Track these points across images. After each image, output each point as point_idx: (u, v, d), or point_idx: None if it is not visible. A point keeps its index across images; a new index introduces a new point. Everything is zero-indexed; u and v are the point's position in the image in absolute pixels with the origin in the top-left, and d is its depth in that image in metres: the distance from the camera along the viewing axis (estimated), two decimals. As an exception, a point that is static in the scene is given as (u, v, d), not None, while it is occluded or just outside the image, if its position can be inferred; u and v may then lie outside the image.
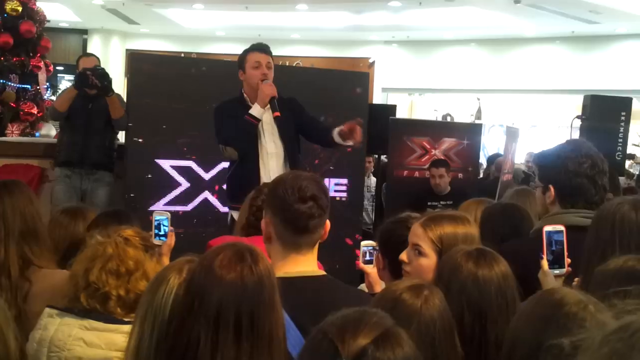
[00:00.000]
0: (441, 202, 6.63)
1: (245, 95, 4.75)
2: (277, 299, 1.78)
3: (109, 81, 5.58)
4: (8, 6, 7.10)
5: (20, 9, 7.17)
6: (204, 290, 1.72)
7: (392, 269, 2.75)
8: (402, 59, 18.49)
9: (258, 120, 4.57)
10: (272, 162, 4.66)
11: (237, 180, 4.70)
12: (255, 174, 4.61)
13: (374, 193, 8.70)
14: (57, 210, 3.30)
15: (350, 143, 4.64)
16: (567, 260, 2.58)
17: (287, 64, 14.20)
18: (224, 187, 5.30)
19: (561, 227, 2.61)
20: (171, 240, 3.25)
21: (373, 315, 1.40)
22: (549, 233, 2.59)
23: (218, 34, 17.94)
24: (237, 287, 1.72)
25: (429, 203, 6.67)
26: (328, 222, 2.41)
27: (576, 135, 6.87)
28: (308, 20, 15.90)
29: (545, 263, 2.57)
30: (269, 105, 4.59)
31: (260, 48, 4.76)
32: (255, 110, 4.55)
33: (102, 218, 3.14)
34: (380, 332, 1.35)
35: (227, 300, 1.71)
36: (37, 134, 7.37)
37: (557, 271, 2.54)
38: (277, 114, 4.51)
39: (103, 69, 5.69)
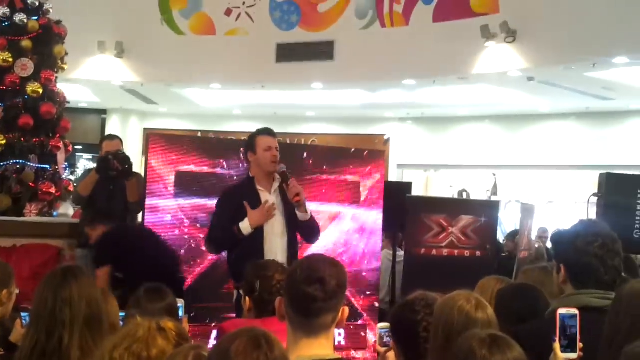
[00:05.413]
0: None
1: (252, 177, 4.97)
2: None
3: (130, 165, 5.68)
4: (29, 88, 7.21)
5: (41, 90, 7.27)
6: None
7: (406, 355, 2.69)
8: (417, 136, 18.59)
9: (242, 235, 4.72)
10: (277, 241, 4.79)
11: (242, 260, 4.59)
12: (260, 252, 4.69)
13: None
14: None
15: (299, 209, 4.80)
16: (580, 345, 2.54)
17: (303, 141, 14.30)
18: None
19: (575, 311, 2.58)
20: (185, 326, 3.23)
21: None
22: (563, 316, 2.55)
23: (235, 112, 18.17)
24: None
25: None
26: (345, 309, 2.36)
27: (593, 212, 6.83)
28: (323, 98, 16.08)
29: (557, 346, 2.52)
30: (276, 187, 4.85)
31: (271, 132, 5.01)
32: (244, 226, 4.72)
33: (146, 294, 3.12)
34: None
35: None
36: (54, 214, 7.42)
37: (569, 355, 2.49)
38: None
39: (124, 153, 5.80)
